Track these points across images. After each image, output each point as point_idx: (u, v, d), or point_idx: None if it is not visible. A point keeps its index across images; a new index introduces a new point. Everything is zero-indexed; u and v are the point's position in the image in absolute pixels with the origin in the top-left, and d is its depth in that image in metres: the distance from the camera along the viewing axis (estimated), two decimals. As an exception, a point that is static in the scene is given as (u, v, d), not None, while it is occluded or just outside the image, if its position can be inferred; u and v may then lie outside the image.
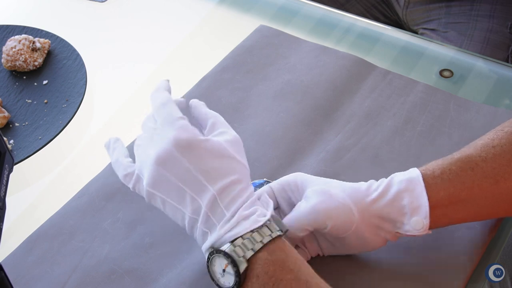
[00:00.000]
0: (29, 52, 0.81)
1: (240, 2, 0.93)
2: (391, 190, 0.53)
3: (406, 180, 0.53)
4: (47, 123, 0.74)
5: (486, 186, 0.53)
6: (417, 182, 0.53)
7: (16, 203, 0.67)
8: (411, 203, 0.52)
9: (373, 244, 0.55)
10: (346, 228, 0.53)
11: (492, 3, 1.06)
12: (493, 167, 0.53)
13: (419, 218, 0.52)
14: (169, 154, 0.50)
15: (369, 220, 0.53)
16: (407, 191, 0.53)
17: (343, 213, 0.53)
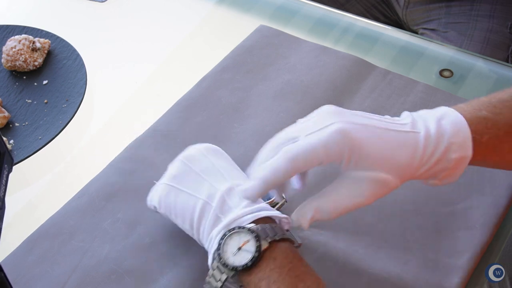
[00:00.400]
0: (29, 52, 0.81)
1: (240, 2, 0.93)
2: (441, 147, 0.49)
3: (460, 159, 0.50)
4: (47, 123, 0.74)
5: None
6: (467, 157, 0.50)
7: (16, 203, 0.67)
8: (449, 174, 0.50)
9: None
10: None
11: (492, 3, 1.06)
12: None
13: (449, 180, 0.51)
14: (198, 151, 0.58)
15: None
16: (454, 167, 0.50)
17: (386, 192, 0.50)
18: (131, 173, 0.67)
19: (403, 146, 0.49)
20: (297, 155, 0.47)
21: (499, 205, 0.61)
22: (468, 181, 0.64)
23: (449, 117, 0.51)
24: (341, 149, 0.47)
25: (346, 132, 0.47)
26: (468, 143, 0.50)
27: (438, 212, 0.61)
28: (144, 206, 0.64)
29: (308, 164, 0.48)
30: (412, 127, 0.50)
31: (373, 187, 0.49)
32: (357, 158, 0.48)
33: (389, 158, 0.48)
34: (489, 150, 0.51)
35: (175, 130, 0.72)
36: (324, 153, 0.47)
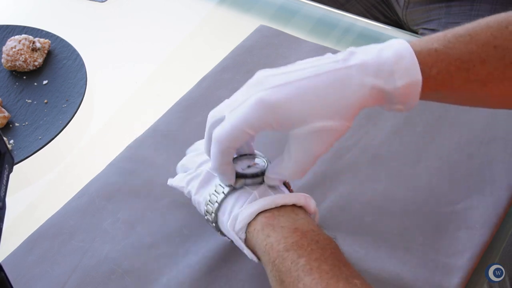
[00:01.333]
0: (29, 52, 0.81)
1: (240, 2, 0.93)
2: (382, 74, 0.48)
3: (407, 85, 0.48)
4: (47, 123, 0.74)
5: (474, 88, 0.51)
6: (416, 87, 0.48)
7: (16, 203, 0.67)
8: (402, 101, 0.50)
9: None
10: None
11: (492, 3, 1.06)
12: (488, 71, 0.50)
13: (402, 108, 0.50)
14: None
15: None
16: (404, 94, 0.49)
17: (339, 135, 0.49)
18: (131, 173, 0.67)
19: (332, 88, 0.47)
20: (224, 138, 0.49)
21: (499, 205, 0.61)
22: (468, 181, 0.64)
23: (391, 47, 0.48)
24: (263, 119, 0.47)
25: (264, 101, 0.47)
26: (415, 68, 0.47)
27: (438, 212, 0.61)
28: (144, 206, 0.64)
29: (238, 141, 0.49)
30: (344, 62, 0.48)
31: (318, 137, 0.48)
32: (285, 119, 0.47)
33: (319, 106, 0.47)
34: (439, 84, 0.49)
35: (175, 130, 0.72)
36: (248, 128, 0.48)
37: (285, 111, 0.47)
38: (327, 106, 0.47)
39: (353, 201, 0.63)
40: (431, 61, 0.49)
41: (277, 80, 0.48)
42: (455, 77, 0.50)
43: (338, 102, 0.47)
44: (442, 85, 0.50)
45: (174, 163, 0.68)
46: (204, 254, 0.59)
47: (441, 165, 0.65)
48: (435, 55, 0.49)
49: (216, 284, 0.57)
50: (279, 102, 0.47)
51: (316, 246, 0.46)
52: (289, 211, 0.50)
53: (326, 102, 0.47)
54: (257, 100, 0.47)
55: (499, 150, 0.66)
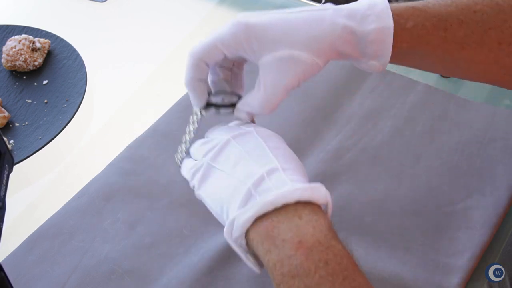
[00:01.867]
0: (29, 52, 0.81)
1: (240, 2, 0.93)
2: (355, 19, 0.49)
3: (378, 30, 0.48)
4: (47, 123, 0.74)
5: (451, 50, 0.50)
6: (387, 34, 0.48)
7: (16, 203, 0.67)
8: (375, 51, 0.49)
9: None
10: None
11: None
12: (465, 34, 0.50)
13: (377, 64, 0.50)
14: (248, 131, 0.51)
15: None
16: (376, 41, 0.49)
17: (310, 71, 0.50)
18: (131, 173, 0.67)
19: (305, 23, 0.49)
20: (198, 50, 0.52)
21: (499, 205, 0.61)
22: (468, 181, 0.64)
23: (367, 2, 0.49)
24: (236, 37, 0.49)
25: (240, 22, 0.49)
26: (386, 14, 0.48)
27: (438, 212, 0.61)
28: (144, 206, 0.64)
29: (211, 56, 0.51)
30: (322, 6, 0.50)
31: (286, 66, 0.49)
32: (256, 40, 0.49)
33: (289, 35, 0.48)
34: (414, 39, 0.49)
35: (175, 130, 0.72)
36: (221, 44, 0.50)
37: (257, 33, 0.48)
38: (297, 36, 0.48)
39: (353, 201, 0.63)
40: (407, 14, 0.49)
41: (258, 12, 0.50)
42: (431, 34, 0.49)
43: (308, 35, 0.48)
44: (418, 42, 0.49)
45: (174, 163, 0.68)
46: (204, 254, 0.59)
47: (441, 165, 0.65)
48: (411, 10, 0.49)
49: (216, 284, 0.57)
50: (253, 24, 0.49)
51: (325, 271, 0.41)
52: (291, 213, 0.43)
53: (297, 33, 0.48)
54: (234, 20, 0.49)
55: (499, 150, 0.66)
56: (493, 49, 0.50)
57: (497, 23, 0.49)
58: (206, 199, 0.50)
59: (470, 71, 0.54)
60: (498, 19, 0.50)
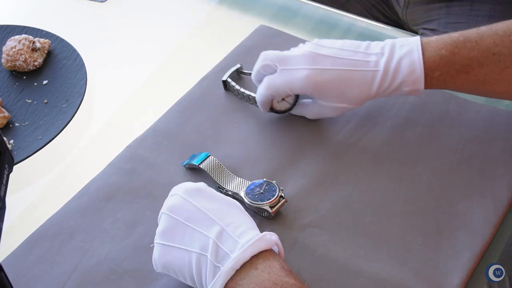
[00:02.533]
0: (29, 52, 0.81)
1: (240, 2, 0.93)
2: (395, 83, 0.64)
3: (412, 91, 0.64)
4: (47, 123, 0.74)
5: (474, 87, 0.63)
6: (419, 90, 0.64)
7: (16, 203, 0.67)
8: (408, 89, 0.64)
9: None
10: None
11: (492, 3, 1.06)
12: (485, 73, 0.61)
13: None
14: (179, 199, 0.54)
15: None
16: (409, 82, 0.63)
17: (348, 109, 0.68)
18: (131, 173, 0.67)
19: (360, 83, 0.64)
20: (271, 86, 0.67)
21: (499, 205, 0.61)
22: (468, 181, 0.64)
23: (410, 56, 0.63)
24: (304, 89, 0.66)
25: (311, 78, 0.64)
26: (420, 80, 0.63)
27: (438, 212, 0.61)
28: (144, 206, 0.64)
29: (280, 94, 0.68)
30: (375, 65, 0.64)
31: (333, 111, 0.68)
32: (318, 95, 0.66)
33: (345, 95, 0.65)
34: (440, 83, 0.64)
35: (175, 130, 0.72)
36: (290, 90, 0.66)
37: (321, 90, 0.65)
38: (351, 95, 0.65)
39: (353, 201, 0.63)
40: (435, 66, 0.63)
41: (325, 63, 0.65)
42: (455, 77, 0.63)
43: (360, 94, 0.65)
44: (444, 84, 0.64)
45: (174, 163, 0.68)
46: (204, 254, 0.59)
47: (441, 165, 0.65)
48: (439, 61, 0.62)
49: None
50: (321, 83, 0.65)
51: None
52: (249, 267, 0.49)
53: (350, 94, 0.65)
54: (306, 75, 0.64)
55: (499, 150, 0.66)
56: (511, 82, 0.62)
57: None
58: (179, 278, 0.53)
59: (492, 96, 0.67)
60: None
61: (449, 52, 0.62)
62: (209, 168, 0.65)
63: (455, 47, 0.62)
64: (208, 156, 0.66)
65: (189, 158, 0.67)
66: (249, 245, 0.49)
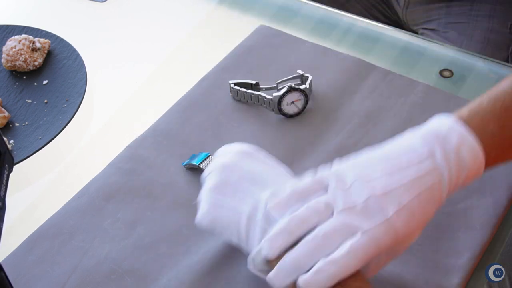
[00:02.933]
0: (29, 52, 0.81)
1: (240, 2, 0.93)
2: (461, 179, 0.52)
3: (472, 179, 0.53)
4: (47, 123, 0.74)
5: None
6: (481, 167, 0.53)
7: (16, 203, 0.67)
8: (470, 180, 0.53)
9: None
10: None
11: (492, 3, 1.06)
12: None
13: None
14: (232, 160, 0.55)
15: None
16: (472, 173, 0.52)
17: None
18: (131, 173, 0.67)
19: (432, 204, 0.51)
20: (365, 254, 0.48)
21: (499, 205, 0.61)
22: (468, 181, 0.64)
23: (466, 144, 0.51)
24: (388, 244, 0.49)
25: (395, 228, 0.49)
26: (481, 169, 0.52)
27: (438, 212, 0.61)
28: (144, 206, 0.64)
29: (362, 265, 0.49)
30: (433, 169, 0.51)
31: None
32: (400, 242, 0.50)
33: (421, 222, 0.51)
34: (494, 160, 0.54)
35: (175, 130, 0.72)
36: (378, 251, 0.49)
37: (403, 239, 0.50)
38: (424, 219, 0.51)
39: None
40: (490, 145, 0.52)
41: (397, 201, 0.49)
42: (507, 152, 0.54)
43: (429, 215, 0.52)
44: (496, 160, 0.54)
45: (174, 163, 0.68)
46: (204, 254, 0.59)
47: (441, 165, 0.65)
48: (491, 138, 0.52)
49: (216, 284, 0.57)
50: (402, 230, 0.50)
51: None
52: None
53: (425, 217, 0.51)
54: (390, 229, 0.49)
55: (499, 150, 0.66)
56: None
57: None
58: (225, 235, 0.54)
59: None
60: None
61: (498, 126, 0.53)
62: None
63: (499, 119, 0.53)
64: (208, 156, 0.66)
65: (189, 158, 0.67)
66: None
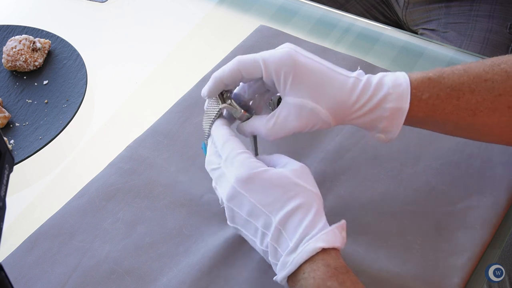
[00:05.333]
0: (29, 52, 0.81)
1: (240, 2, 0.93)
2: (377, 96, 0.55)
3: (395, 109, 0.55)
4: (47, 123, 0.74)
5: (464, 116, 0.56)
6: (403, 109, 0.55)
7: (16, 203, 0.67)
8: (385, 127, 0.56)
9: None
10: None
11: (492, 3, 1.06)
12: (477, 101, 0.55)
13: (384, 137, 0.57)
14: (234, 192, 0.52)
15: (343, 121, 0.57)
16: (389, 118, 0.55)
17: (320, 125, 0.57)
18: (131, 173, 0.67)
19: (340, 85, 0.55)
20: (242, 58, 0.56)
21: (499, 205, 0.61)
22: (468, 181, 0.64)
23: (393, 74, 0.56)
24: (279, 65, 0.54)
25: (291, 54, 0.55)
26: (406, 96, 0.54)
27: (438, 212, 0.61)
28: (144, 206, 0.64)
29: (249, 68, 0.55)
30: (357, 75, 0.56)
31: (304, 115, 0.55)
32: (293, 81, 0.54)
33: (322, 91, 0.55)
34: (429, 108, 0.56)
35: (175, 130, 0.72)
36: (263, 63, 0.55)
37: (297, 74, 0.54)
38: (324, 94, 0.55)
39: (353, 201, 0.63)
40: (423, 87, 0.55)
41: (310, 54, 0.56)
42: (445, 102, 0.55)
43: (338, 99, 0.55)
44: (432, 110, 0.56)
45: (174, 163, 0.68)
46: (204, 254, 0.59)
47: (441, 165, 0.65)
48: (427, 82, 0.56)
49: (216, 284, 0.57)
50: (300, 65, 0.54)
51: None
52: (297, 272, 0.50)
53: (325, 90, 0.55)
54: (287, 51, 0.55)
55: (499, 150, 0.66)
56: (505, 113, 0.56)
57: (506, 89, 0.55)
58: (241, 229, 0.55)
59: (485, 135, 0.59)
60: (507, 86, 0.55)
61: (437, 76, 0.56)
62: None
63: (442, 73, 0.56)
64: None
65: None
66: (305, 252, 0.49)
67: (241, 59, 0.56)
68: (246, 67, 0.55)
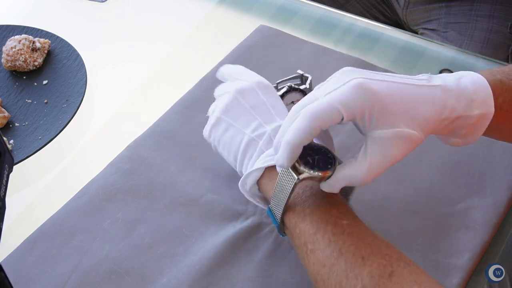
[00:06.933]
0: (29, 52, 0.81)
1: (240, 2, 0.93)
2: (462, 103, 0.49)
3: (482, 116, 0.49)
4: (47, 123, 0.74)
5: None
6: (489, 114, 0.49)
7: (16, 203, 0.67)
8: (467, 133, 0.50)
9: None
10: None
11: (492, 3, 1.06)
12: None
13: (460, 141, 0.51)
14: (250, 87, 0.58)
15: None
16: (474, 125, 0.50)
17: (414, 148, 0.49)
18: (131, 173, 0.67)
19: (424, 100, 0.47)
20: (317, 111, 0.46)
21: (499, 205, 0.61)
22: (468, 181, 0.64)
23: (469, 75, 0.50)
24: (361, 104, 0.45)
25: (366, 86, 0.45)
26: (490, 100, 0.49)
27: (438, 212, 0.61)
28: (144, 206, 0.64)
29: (329, 121, 0.46)
30: (428, 82, 0.49)
31: (400, 144, 0.47)
32: (379, 113, 0.46)
33: (412, 113, 0.47)
34: (502, 114, 0.50)
35: (175, 130, 0.72)
36: (343, 108, 0.45)
37: (382, 105, 0.46)
38: (415, 116, 0.47)
39: (353, 201, 0.63)
40: (498, 91, 0.50)
41: (376, 75, 0.47)
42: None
43: (424, 116, 0.47)
44: (505, 116, 0.51)
45: (174, 163, 0.68)
46: (204, 254, 0.59)
47: (441, 165, 0.65)
48: (500, 85, 0.50)
49: (216, 284, 0.57)
50: (380, 93, 0.46)
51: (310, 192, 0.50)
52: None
53: (415, 112, 0.47)
54: (358, 83, 0.45)
55: (499, 150, 0.66)
56: None
57: None
58: (223, 152, 0.59)
59: None
60: None
61: (506, 78, 0.51)
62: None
63: (507, 74, 0.51)
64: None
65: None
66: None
67: (316, 114, 0.46)
68: (325, 121, 0.46)
